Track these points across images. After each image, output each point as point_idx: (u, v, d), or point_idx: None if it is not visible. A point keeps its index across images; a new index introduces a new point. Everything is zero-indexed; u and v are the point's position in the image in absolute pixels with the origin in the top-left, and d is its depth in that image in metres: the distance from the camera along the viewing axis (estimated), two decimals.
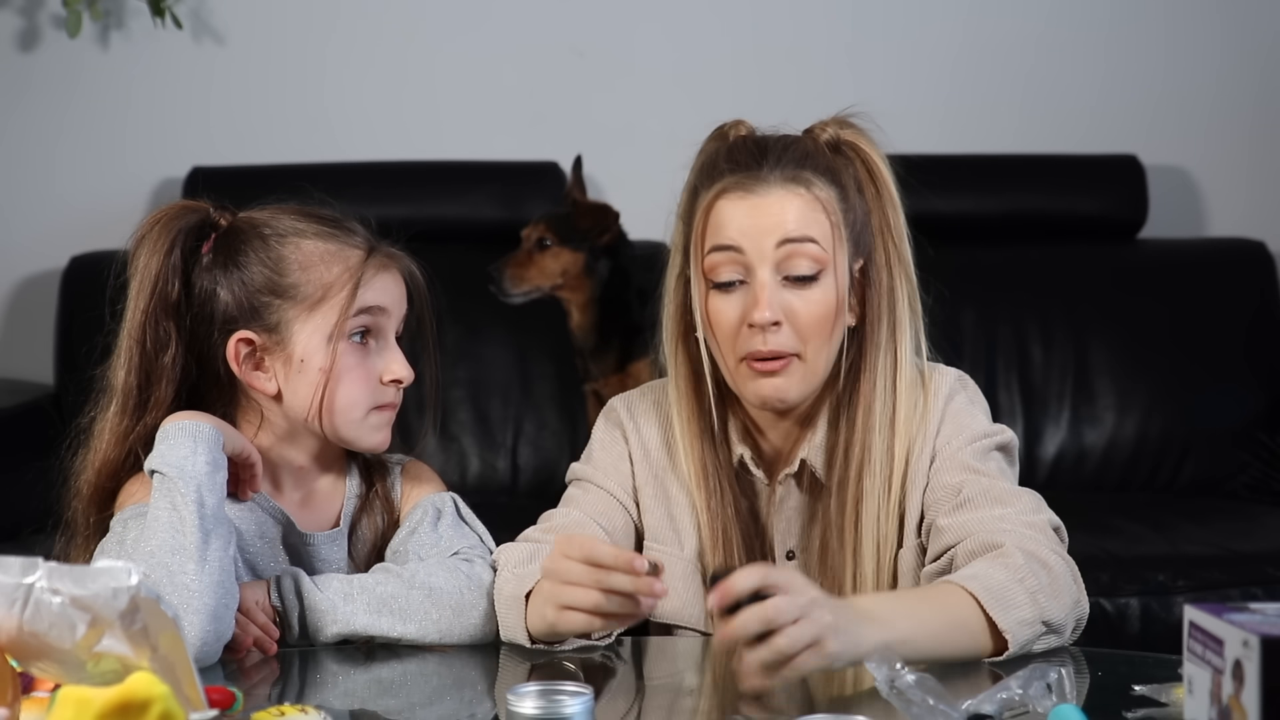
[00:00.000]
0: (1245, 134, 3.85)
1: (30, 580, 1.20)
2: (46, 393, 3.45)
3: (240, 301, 1.69)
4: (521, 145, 3.73)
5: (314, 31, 3.78)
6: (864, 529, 1.72)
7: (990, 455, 1.74)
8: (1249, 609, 1.20)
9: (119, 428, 1.72)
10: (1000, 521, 1.65)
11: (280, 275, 1.68)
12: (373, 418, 1.71)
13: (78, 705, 1.12)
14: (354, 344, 1.69)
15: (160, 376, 1.70)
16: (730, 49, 3.80)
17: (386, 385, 1.71)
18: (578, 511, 1.79)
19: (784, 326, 1.68)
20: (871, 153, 1.76)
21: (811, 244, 1.67)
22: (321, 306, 1.68)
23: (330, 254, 1.69)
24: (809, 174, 1.69)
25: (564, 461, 3.53)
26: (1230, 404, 3.53)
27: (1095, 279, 3.65)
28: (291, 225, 1.71)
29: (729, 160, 1.71)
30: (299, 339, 1.68)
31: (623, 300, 3.35)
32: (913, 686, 1.34)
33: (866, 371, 1.73)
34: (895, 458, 1.73)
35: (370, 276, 1.69)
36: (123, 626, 1.19)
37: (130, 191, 3.74)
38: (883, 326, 1.73)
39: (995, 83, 3.83)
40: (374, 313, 1.69)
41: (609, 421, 1.87)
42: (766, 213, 1.67)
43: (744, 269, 1.68)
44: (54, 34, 3.72)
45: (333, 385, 1.68)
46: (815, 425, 1.76)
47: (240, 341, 1.69)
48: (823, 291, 1.68)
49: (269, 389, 1.70)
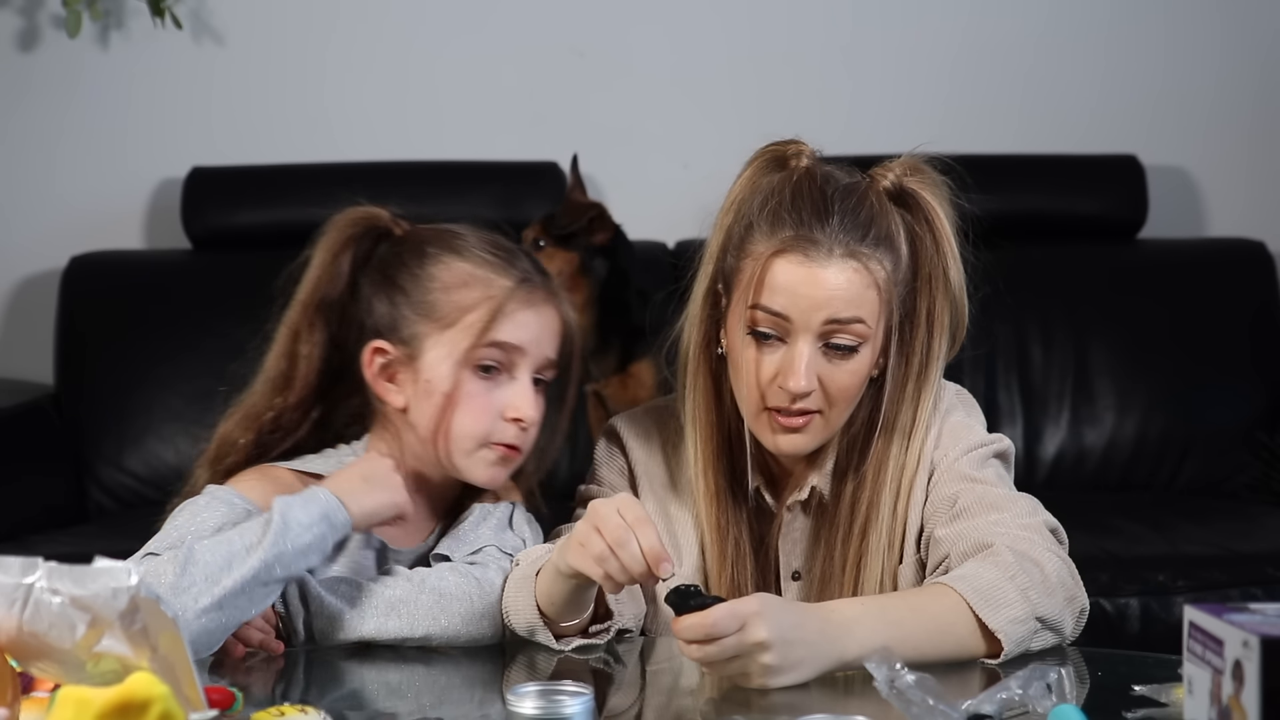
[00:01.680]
0: (1245, 134, 3.85)
1: (30, 580, 1.20)
2: (46, 393, 3.45)
3: (385, 313, 1.70)
4: (521, 145, 3.73)
5: (314, 31, 3.77)
6: (869, 550, 1.72)
7: (988, 463, 1.75)
8: (1249, 609, 1.20)
9: (253, 406, 1.75)
10: (995, 526, 1.65)
11: (423, 292, 1.69)
12: (485, 452, 1.70)
13: (77, 705, 1.12)
14: (480, 373, 1.68)
15: (301, 365, 1.72)
16: (730, 49, 3.80)
17: (507, 422, 1.69)
18: None
19: (815, 392, 1.68)
20: (935, 206, 1.74)
21: (859, 324, 1.67)
22: (454, 329, 1.68)
23: (476, 278, 1.69)
24: (868, 248, 1.67)
25: (564, 462, 3.56)
26: (1229, 402, 3.52)
27: (1095, 279, 3.64)
28: (453, 244, 1.72)
29: (793, 210, 1.68)
30: (428, 358, 1.68)
31: (622, 301, 3.35)
32: (912, 687, 1.34)
33: (884, 425, 1.73)
34: (902, 492, 1.74)
35: (512, 310, 1.68)
36: (122, 626, 1.19)
37: (130, 191, 3.74)
38: (908, 381, 1.73)
39: (995, 83, 3.82)
40: (506, 349, 1.68)
41: (609, 442, 1.87)
42: (820, 287, 1.65)
43: (786, 332, 1.67)
44: (54, 34, 3.72)
45: (450, 411, 1.67)
46: (825, 454, 1.77)
47: (375, 350, 1.70)
48: (858, 362, 1.69)
49: (396, 402, 1.71)
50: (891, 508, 1.73)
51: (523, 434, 1.70)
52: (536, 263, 1.76)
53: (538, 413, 1.70)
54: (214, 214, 3.58)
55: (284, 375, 1.74)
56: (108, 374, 3.38)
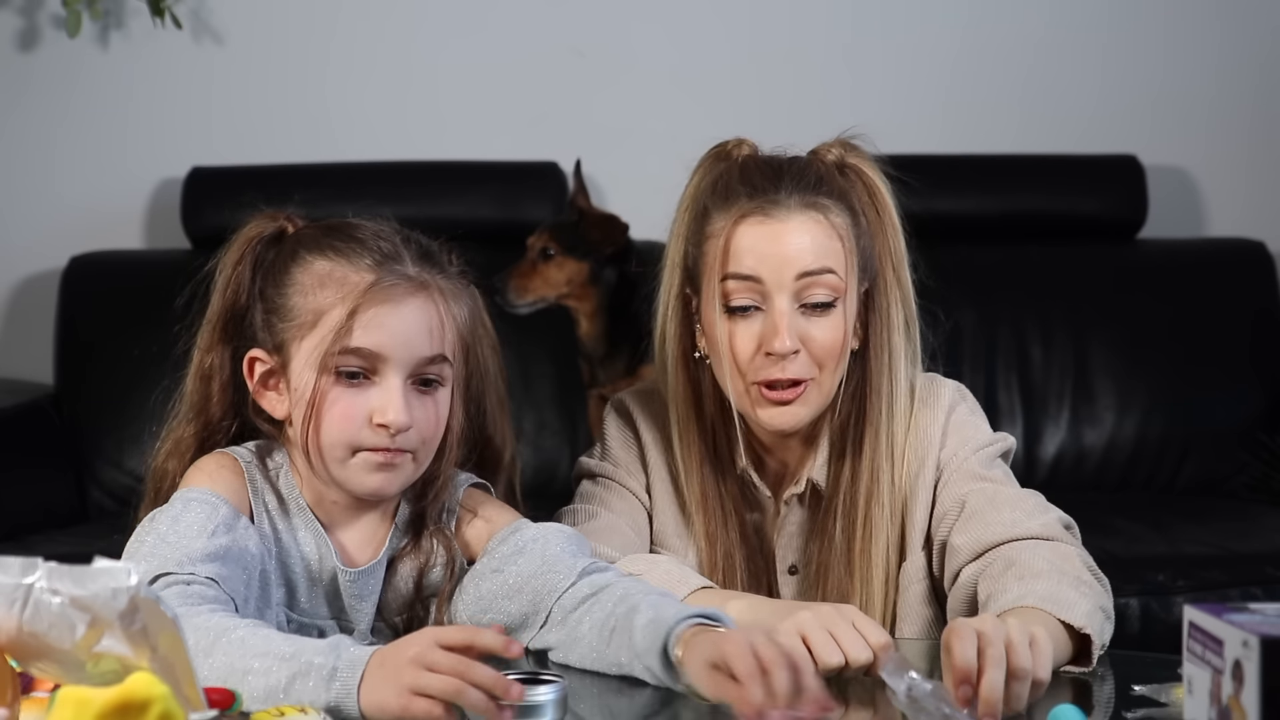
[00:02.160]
0: (1245, 134, 3.85)
1: (30, 580, 1.20)
2: (46, 393, 3.44)
3: (261, 320, 1.63)
4: (521, 145, 3.73)
5: (314, 31, 3.77)
6: (874, 552, 1.72)
7: (995, 462, 1.75)
8: (1249, 609, 1.20)
9: (179, 435, 1.68)
10: (1012, 528, 1.64)
11: (285, 296, 1.61)
12: (360, 460, 1.58)
13: (77, 705, 1.12)
14: (344, 379, 1.57)
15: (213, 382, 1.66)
16: (730, 50, 3.80)
17: (376, 428, 1.57)
18: (606, 513, 1.77)
19: (801, 354, 1.68)
20: (875, 177, 1.76)
21: (830, 274, 1.68)
22: (312, 334, 1.58)
23: (332, 278, 1.59)
24: (825, 199, 1.69)
25: (564, 462, 3.56)
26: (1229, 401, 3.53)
27: (1095, 279, 3.64)
28: (322, 241, 1.62)
29: (744, 182, 1.70)
30: (294, 365, 1.59)
31: (630, 307, 3.35)
32: (928, 695, 1.33)
33: (872, 395, 1.73)
34: (898, 479, 1.74)
35: (368, 309, 1.56)
36: (122, 626, 1.19)
37: (130, 191, 3.74)
38: (883, 351, 1.74)
39: (995, 83, 3.82)
40: (365, 356, 1.56)
41: (621, 419, 1.85)
42: (786, 242, 1.67)
43: (761, 296, 1.68)
44: (54, 34, 3.72)
45: (316, 419, 1.57)
46: (818, 444, 1.76)
47: (252, 360, 1.63)
48: (837, 318, 1.69)
49: (278, 411, 1.63)
50: (889, 498, 1.73)
51: (395, 439, 1.57)
52: (426, 252, 1.64)
53: (407, 418, 1.56)
54: (214, 214, 3.58)
55: (203, 397, 1.67)
56: (108, 374, 3.38)
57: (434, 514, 1.67)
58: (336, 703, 1.35)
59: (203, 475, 1.62)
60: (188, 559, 1.52)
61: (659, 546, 1.78)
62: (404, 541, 1.68)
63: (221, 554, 1.54)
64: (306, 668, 1.37)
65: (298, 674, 1.37)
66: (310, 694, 1.36)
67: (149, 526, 1.57)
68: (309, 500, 1.65)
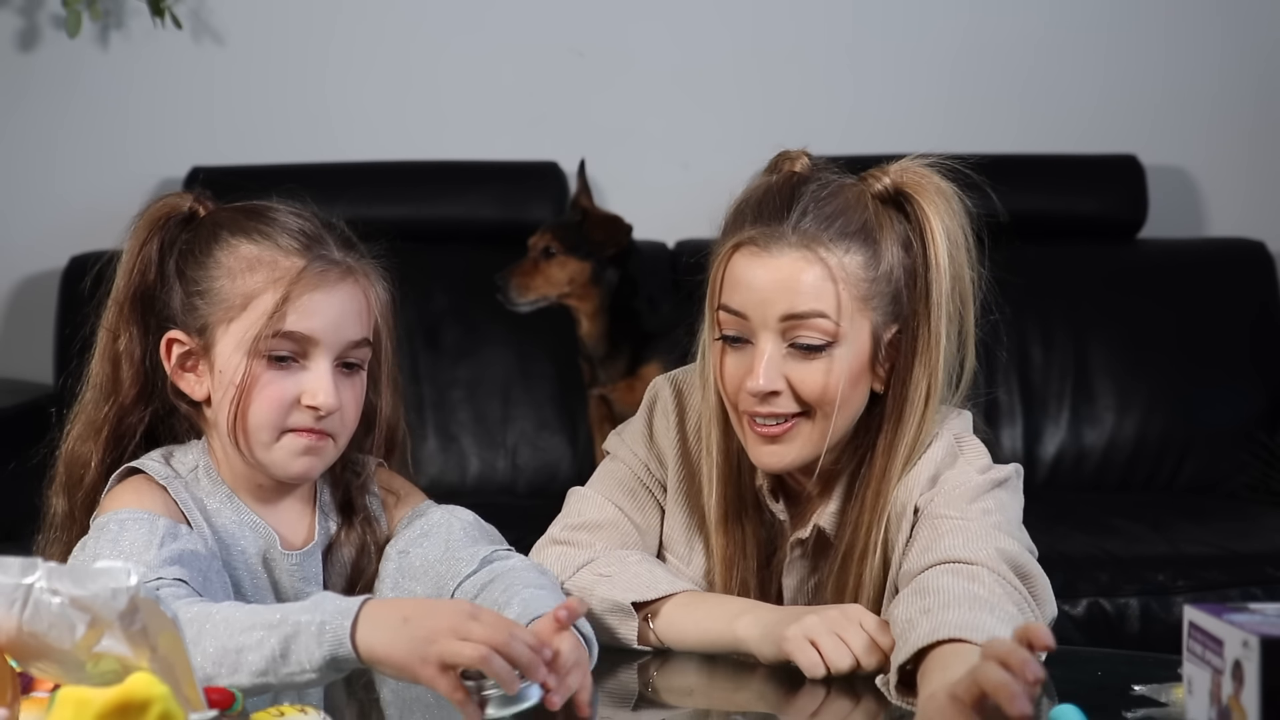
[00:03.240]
0: (1245, 134, 3.85)
1: (30, 580, 1.20)
2: (46, 393, 3.44)
3: (179, 301, 1.61)
4: (521, 145, 3.73)
5: (314, 31, 3.78)
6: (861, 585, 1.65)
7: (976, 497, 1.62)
8: (1249, 609, 1.20)
9: (88, 417, 1.67)
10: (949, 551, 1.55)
11: (210, 280, 1.59)
12: (286, 442, 1.58)
13: (77, 705, 1.12)
14: (273, 363, 1.57)
15: (122, 364, 1.64)
16: (731, 49, 3.80)
17: (304, 409, 1.57)
18: (611, 508, 1.72)
19: (784, 395, 1.60)
20: (929, 211, 1.64)
21: (819, 318, 1.59)
22: (241, 317, 1.57)
23: (262, 262, 1.58)
24: (831, 237, 1.59)
25: (564, 462, 3.57)
26: (1230, 403, 3.53)
27: (1095, 279, 3.65)
28: (245, 225, 1.61)
29: (756, 208, 1.62)
30: (219, 348, 1.59)
31: (631, 308, 3.35)
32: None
33: (881, 448, 1.64)
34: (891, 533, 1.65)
35: (301, 295, 1.56)
36: (122, 627, 1.19)
37: (130, 191, 3.73)
38: (896, 404, 1.64)
39: (995, 83, 3.82)
40: (297, 339, 1.56)
41: (658, 408, 1.76)
42: (774, 281, 1.59)
43: (749, 333, 1.61)
44: (54, 34, 3.72)
45: (245, 402, 1.57)
46: (832, 494, 1.69)
47: (171, 341, 1.62)
48: (830, 362, 1.59)
49: (197, 393, 1.61)
50: (883, 560, 1.64)
51: (323, 420, 1.58)
52: (347, 237, 1.63)
53: (336, 399, 1.57)
54: None
55: (110, 378, 1.65)
56: None
57: (361, 499, 1.68)
58: (331, 654, 1.36)
59: (127, 497, 1.61)
60: (148, 569, 1.50)
61: (667, 554, 1.75)
62: (336, 526, 1.68)
63: (176, 559, 1.53)
64: (296, 629, 1.37)
65: (289, 637, 1.37)
66: (305, 653, 1.36)
67: (86, 554, 1.55)
68: (231, 484, 1.64)
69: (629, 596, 1.60)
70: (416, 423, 3.50)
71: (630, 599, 1.60)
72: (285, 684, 1.39)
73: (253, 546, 1.64)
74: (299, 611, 1.39)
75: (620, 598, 1.61)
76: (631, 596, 1.60)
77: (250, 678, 1.38)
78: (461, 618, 1.33)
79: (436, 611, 1.35)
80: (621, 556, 1.68)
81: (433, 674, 1.32)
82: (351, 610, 1.36)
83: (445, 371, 3.57)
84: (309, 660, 1.36)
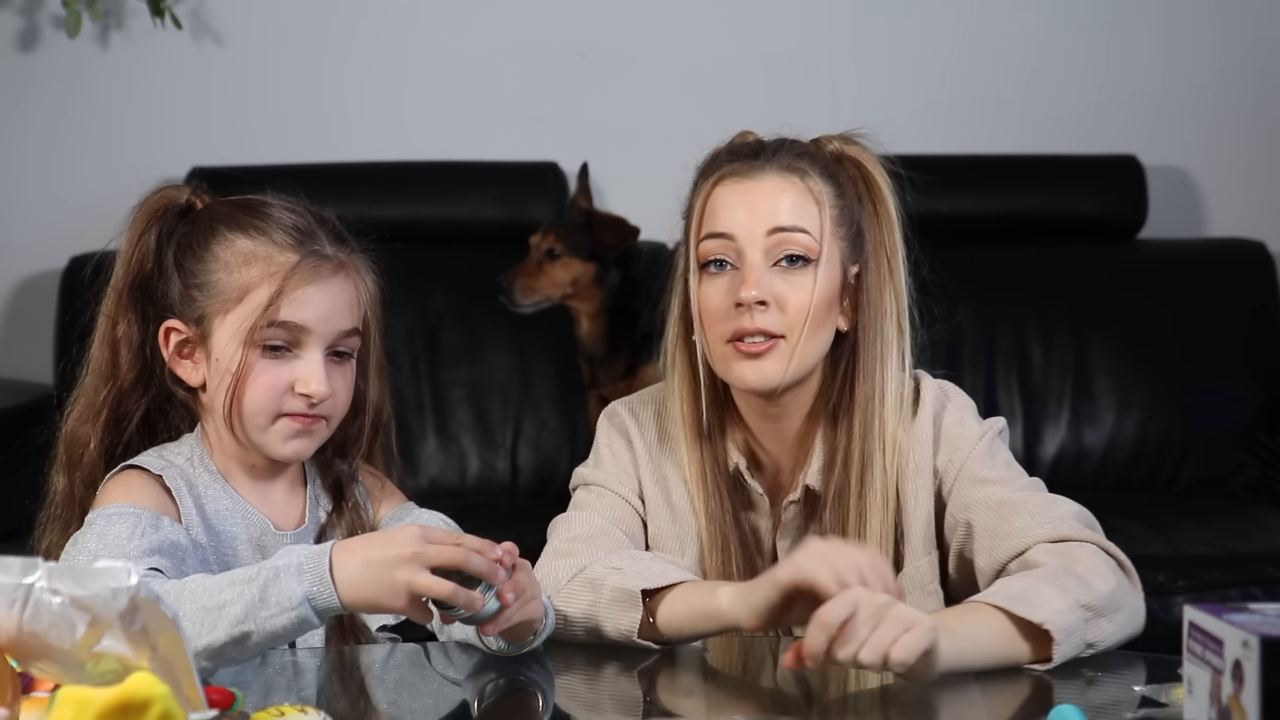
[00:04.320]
0: (1245, 134, 3.85)
1: (30, 580, 1.20)
2: (46, 393, 3.44)
3: (177, 291, 1.68)
4: (521, 145, 3.73)
5: (314, 31, 3.78)
6: (868, 539, 1.71)
7: (993, 451, 1.75)
8: (1249, 609, 1.20)
9: (88, 399, 1.73)
10: (1024, 537, 1.64)
11: (208, 272, 1.67)
12: (281, 426, 1.66)
13: (77, 705, 1.12)
14: (267, 352, 1.65)
15: (121, 349, 1.71)
16: (732, 49, 3.80)
17: (297, 396, 1.65)
18: (598, 518, 1.77)
19: (771, 308, 1.69)
20: (873, 171, 1.78)
21: (802, 234, 1.70)
22: (237, 309, 1.65)
23: (257, 256, 1.65)
24: (806, 166, 1.72)
25: (564, 461, 3.56)
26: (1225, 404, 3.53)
27: (1095, 279, 3.65)
28: (241, 220, 1.68)
29: (729, 154, 1.76)
30: (216, 337, 1.66)
31: (632, 309, 3.35)
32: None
33: (861, 379, 1.74)
34: (889, 468, 1.74)
35: (295, 287, 1.64)
36: (122, 626, 1.19)
37: (130, 191, 3.65)
38: (872, 338, 1.74)
39: (996, 83, 3.83)
40: (291, 329, 1.64)
41: (613, 426, 1.85)
42: (760, 199, 1.71)
43: (735, 253, 1.71)
44: (54, 34, 3.72)
45: (240, 389, 1.64)
46: (813, 448, 1.77)
47: (169, 330, 1.69)
48: (811, 278, 1.70)
49: (193, 379, 1.69)
50: (881, 485, 1.72)
51: (314, 406, 1.66)
52: (339, 232, 1.70)
53: (328, 387, 1.65)
54: None
55: (109, 363, 1.72)
56: None
57: (350, 486, 1.76)
58: (311, 592, 1.44)
59: (118, 492, 1.66)
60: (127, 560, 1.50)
61: (655, 550, 1.78)
62: (326, 513, 1.75)
63: (155, 549, 1.58)
64: (274, 573, 1.45)
65: (268, 582, 1.45)
66: (286, 591, 1.44)
67: (76, 548, 1.61)
68: (224, 470, 1.71)
69: (639, 584, 1.62)
70: (416, 423, 3.50)
71: (640, 586, 1.62)
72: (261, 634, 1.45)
73: (245, 531, 1.70)
74: (273, 561, 1.47)
75: (631, 585, 1.62)
76: (642, 584, 1.62)
77: (229, 629, 1.44)
78: (416, 544, 1.43)
79: (391, 543, 1.45)
80: (634, 554, 1.71)
81: (404, 605, 1.44)
82: (325, 551, 1.45)
83: (445, 372, 3.57)
84: (288, 598, 1.44)
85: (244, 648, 1.46)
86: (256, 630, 1.44)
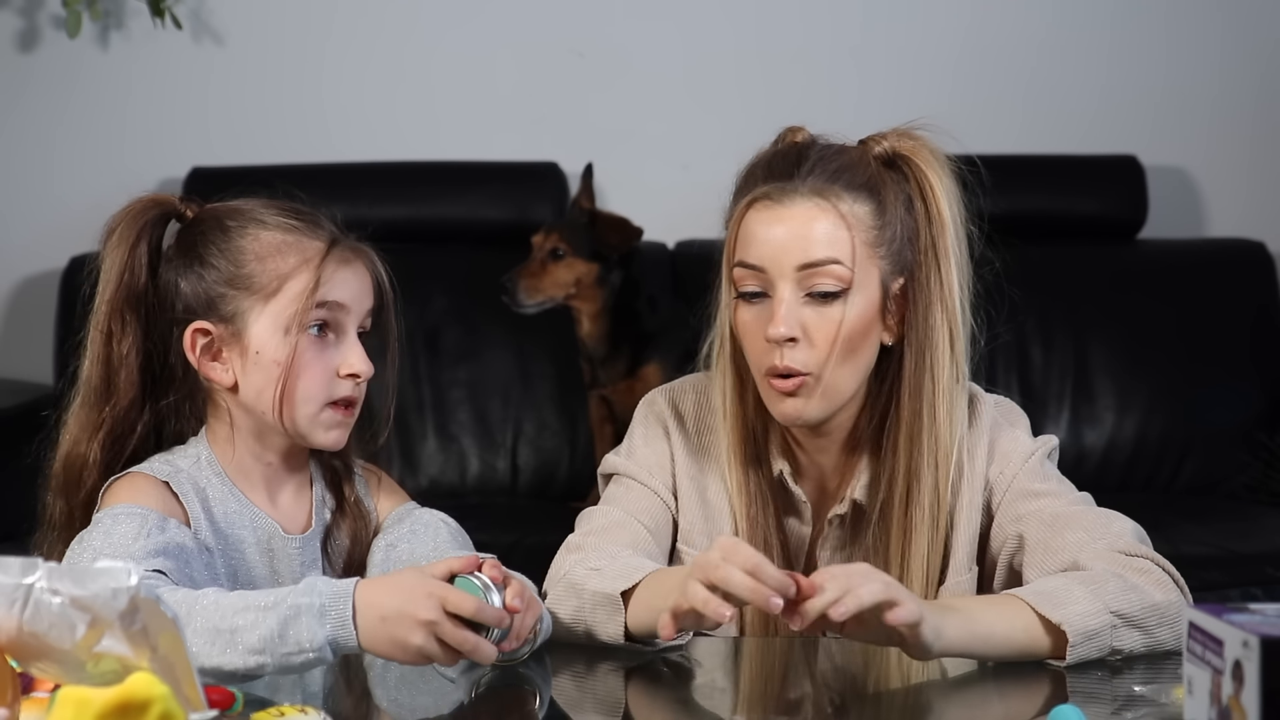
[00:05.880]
0: (1245, 134, 3.85)
1: (30, 580, 1.20)
2: (46, 393, 3.44)
3: (198, 293, 1.68)
4: (521, 145, 3.73)
5: (313, 32, 3.78)
6: (912, 557, 1.68)
7: (1045, 467, 1.74)
8: (1249, 609, 1.20)
9: (84, 419, 1.71)
10: (1078, 552, 1.63)
11: (237, 266, 1.67)
12: (326, 414, 1.67)
13: (77, 705, 1.12)
14: (311, 337, 1.66)
15: (119, 367, 1.69)
16: (732, 49, 3.80)
17: (343, 379, 1.67)
18: (619, 511, 1.74)
19: (800, 344, 1.65)
20: (927, 171, 1.72)
21: (835, 265, 1.65)
22: (277, 297, 1.66)
23: (288, 245, 1.67)
24: (840, 188, 1.66)
25: (564, 461, 3.57)
26: (1231, 401, 3.52)
27: (1095, 279, 3.65)
28: (252, 216, 1.70)
29: (766, 168, 1.69)
30: (254, 330, 1.66)
31: (633, 309, 3.35)
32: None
33: (906, 395, 1.69)
34: (941, 486, 1.70)
35: (331, 270, 1.67)
36: (122, 627, 1.19)
37: (130, 192, 3.65)
38: (917, 349, 1.69)
39: (996, 83, 3.83)
40: (332, 308, 1.67)
41: (652, 415, 1.81)
42: (789, 231, 1.65)
43: (767, 284, 1.66)
44: (54, 34, 3.72)
45: (290, 378, 1.65)
46: (860, 461, 1.73)
47: (196, 332, 1.68)
48: (845, 309, 1.65)
49: (225, 380, 1.68)
50: (930, 504, 1.69)
51: (358, 389, 1.70)
52: (337, 221, 1.73)
53: (369, 366, 1.69)
54: None
55: (105, 381, 1.70)
56: None
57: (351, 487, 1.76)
58: (334, 636, 1.45)
59: (125, 493, 1.66)
60: (132, 561, 1.50)
61: (685, 546, 1.76)
62: (331, 514, 1.75)
63: (160, 550, 1.58)
64: (295, 610, 1.45)
65: (288, 619, 1.45)
66: (307, 633, 1.44)
67: (82, 547, 1.60)
68: (232, 475, 1.70)
69: (617, 586, 1.61)
70: (416, 423, 3.50)
71: (619, 588, 1.60)
72: (276, 666, 1.46)
73: (253, 535, 1.70)
74: (295, 595, 1.47)
75: (609, 588, 1.61)
76: (620, 585, 1.60)
77: (245, 656, 1.45)
78: (434, 612, 1.45)
79: (411, 601, 1.46)
80: (613, 552, 1.69)
81: (416, 662, 1.48)
82: (348, 593, 1.46)
83: (445, 372, 3.57)
84: (310, 640, 1.45)
85: (255, 674, 1.47)
86: (273, 663, 1.46)
